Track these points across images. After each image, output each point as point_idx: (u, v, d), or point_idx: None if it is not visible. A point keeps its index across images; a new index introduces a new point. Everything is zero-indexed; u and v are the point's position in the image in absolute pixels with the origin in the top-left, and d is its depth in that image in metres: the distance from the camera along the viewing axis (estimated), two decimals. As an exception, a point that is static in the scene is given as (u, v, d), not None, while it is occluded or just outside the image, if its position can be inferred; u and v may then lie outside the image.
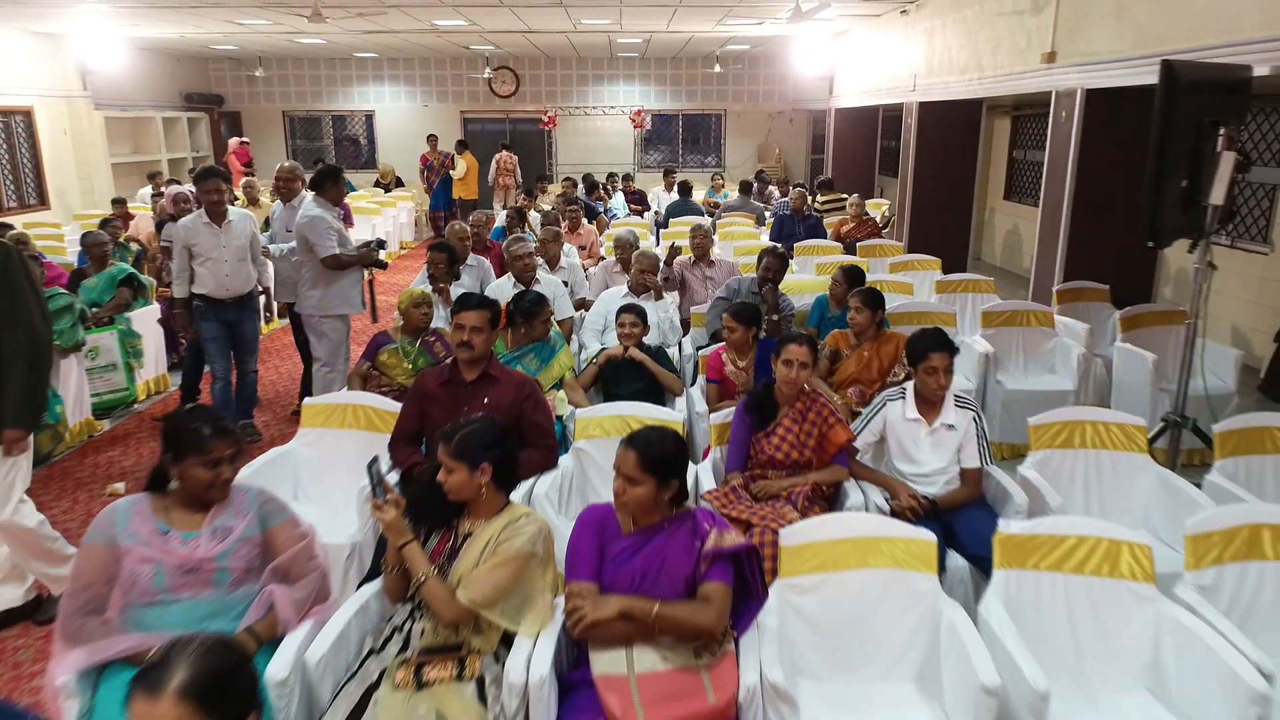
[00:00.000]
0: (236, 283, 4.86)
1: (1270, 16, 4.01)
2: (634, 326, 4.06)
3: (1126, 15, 5.17)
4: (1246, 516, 2.46)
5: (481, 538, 2.24)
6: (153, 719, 1.18)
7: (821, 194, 10.06)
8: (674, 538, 2.21)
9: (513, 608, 2.18)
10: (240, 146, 13.50)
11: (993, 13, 7.00)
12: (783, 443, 3.03)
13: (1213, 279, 3.82)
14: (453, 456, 2.22)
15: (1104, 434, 3.23)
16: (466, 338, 3.17)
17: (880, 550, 2.35)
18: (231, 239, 4.78)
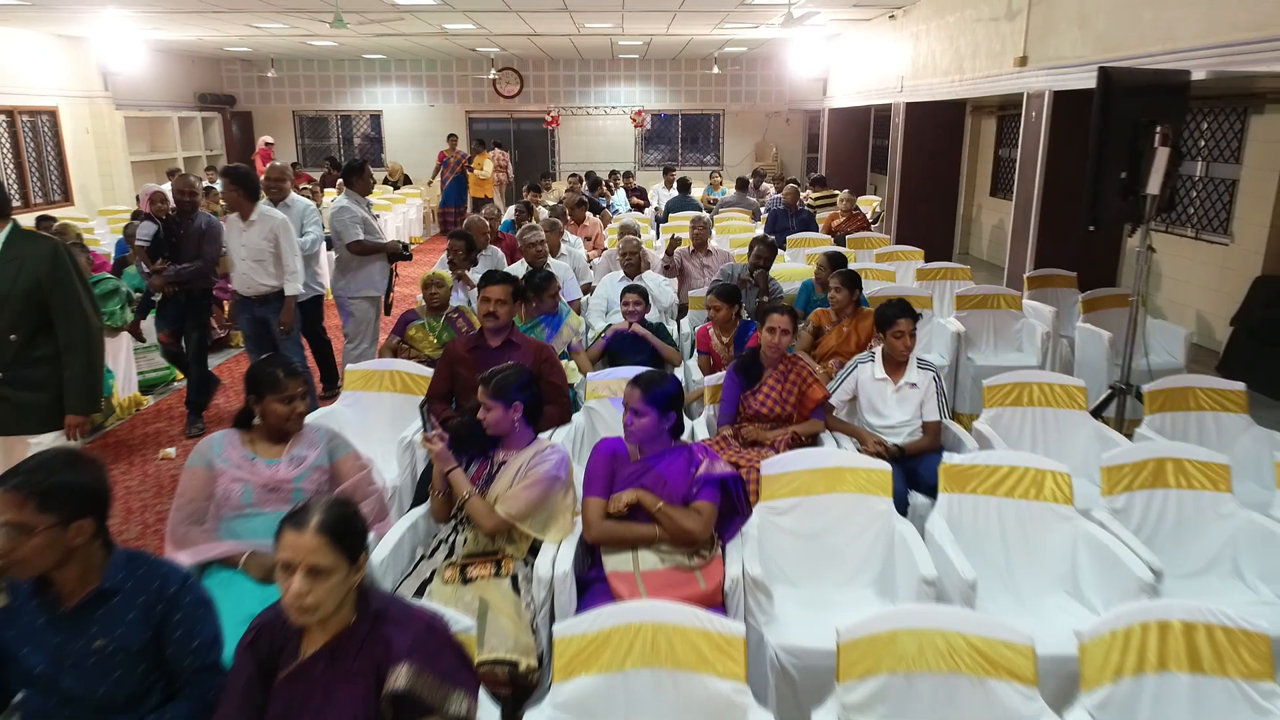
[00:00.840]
0: (247, 281, 4.78)
1: (1204, 27, 4.47)
2: (636, 305, 4.53)
3: (1088, 24, 5.64)
4: (1153, 452, 2.92)
5: (514, 464, 2.70)
6: (299, 546, 1.64)
7: (814, 190, 10.53)
8: (673, 465, 2.68)
9: (540, 521, 2.64)
10: (264, 147, 13.98)
11: (972, 19, 7.46)
12: (767, 399, 3.50)
13: (1179, 269, 4.28)
14: (491, 396, 2.68)
15: (1049, 393, 3.69)
16: (492, 308, 3.64)
17: (845, 478, 2.81)
18: (250, 238, 4.71)
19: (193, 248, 4.97)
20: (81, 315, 3.16)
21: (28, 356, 3.12)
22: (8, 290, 3.03)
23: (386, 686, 1.64)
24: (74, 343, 3.14)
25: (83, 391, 3.19)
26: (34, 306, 3.08)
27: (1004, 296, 5.63)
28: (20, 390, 3.12)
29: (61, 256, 3.13)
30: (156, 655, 1.81)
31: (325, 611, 1.66)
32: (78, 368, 3.16)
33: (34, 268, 3.05)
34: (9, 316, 3.05)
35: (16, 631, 1.79)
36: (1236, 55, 4.24)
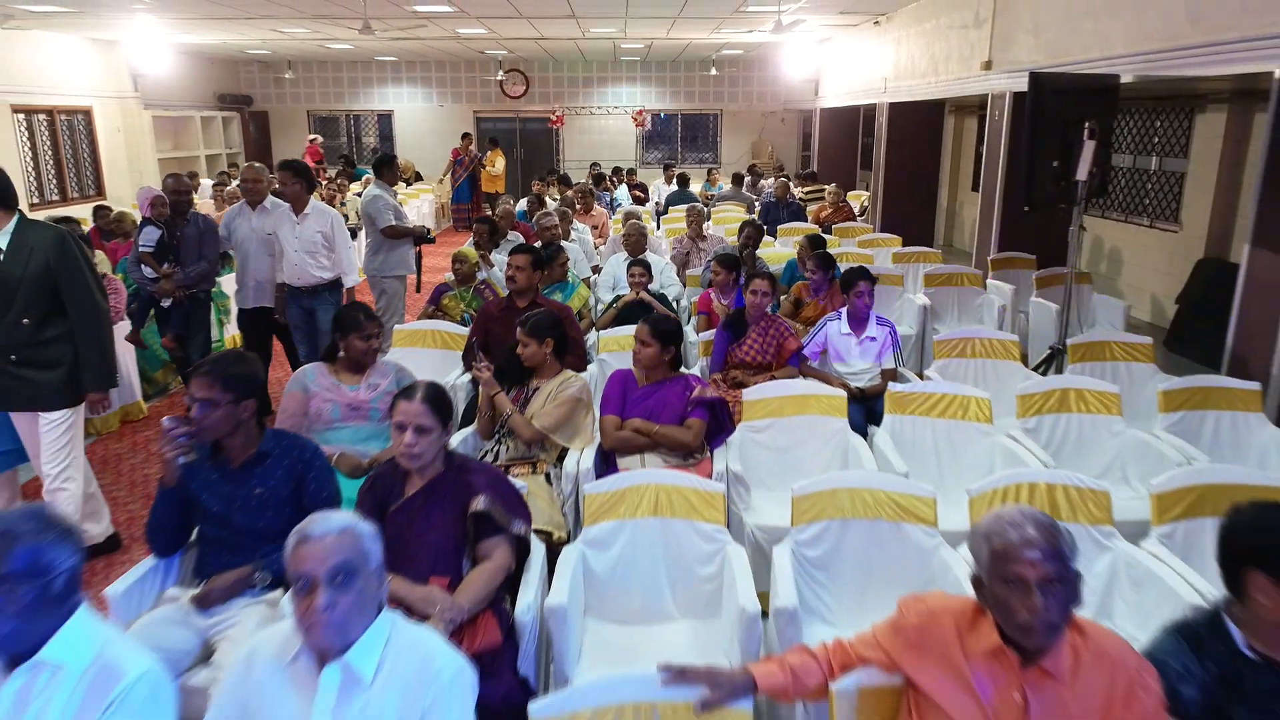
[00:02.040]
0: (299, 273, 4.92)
1: (1131, 37, 5.17)
2: (641, 276, 5.23)
3: (1041, 33, 6.34)
4: (1059, 383, 3.62)
5: (545, 390, 3.40)
6: (409, 411, 2.32)
7: (804, 185, 11.24)
8: (672, 390, 3.37)
9: (567, 432, 3.34)
10: (311, 145, 14.67)
11: (945, 26, 8.16)
12: (751, 349, 4.19)
13: (1136, 255, 4.96)
14: (527, 334, 3.38)
15: (988, 346, 4.39)
16: (512, 273, 4.36)
17: (809, 404, 3.51)
18: (304, 231, 4.89)
19: (194, 250, 4.96)
20: (90, 297, 3.31)
21: (40, 338, 3.26)
22: (19, 275, 3.17)
23: (470, 509, 2.34)
24: (85, 324, 3.30)
25: (98, 368, 3.36)
26: (45, 291, 3.22)
27: (967, 275, 6.34)
28: (35, 370, 3.27)
29: (68, 243, 3.28)
30: (297, 501, 2.50)
31: (426, 459, 2.36)
32: (91, 347, 3.33)
33: (43, 253, 3.20)
34: (22, 300, 3.19)
35: (198, 483, 2.48)
36: (1156, 61, 4.93)
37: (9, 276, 3.17)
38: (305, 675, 1.53)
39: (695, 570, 2.61)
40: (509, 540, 2.38)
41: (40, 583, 1.49)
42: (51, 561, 1.52)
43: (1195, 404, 3.60)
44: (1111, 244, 8.61)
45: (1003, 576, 1.53)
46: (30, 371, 3.27)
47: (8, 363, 3.24)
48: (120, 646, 1.56)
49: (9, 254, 3.18)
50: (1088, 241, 8.97)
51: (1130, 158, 8.32)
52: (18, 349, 3.23)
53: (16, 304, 3.19)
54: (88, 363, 3.33)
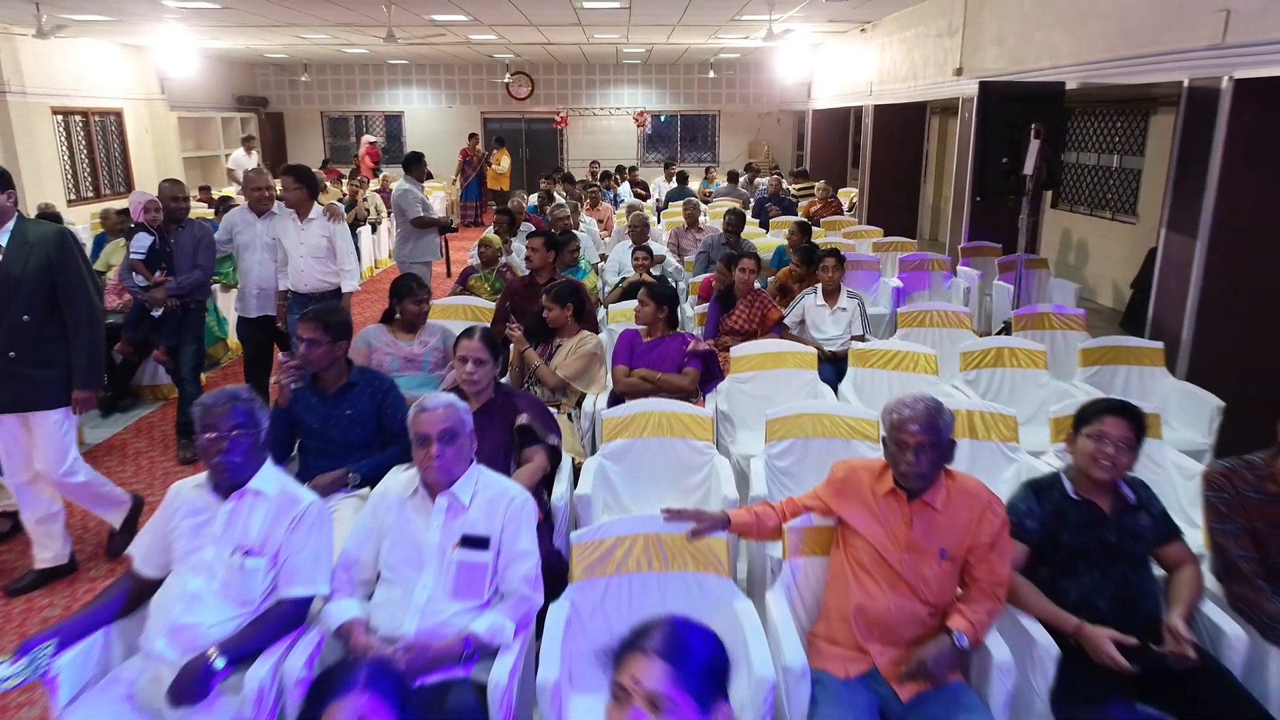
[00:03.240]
0: (306, 279, 4.89)
1: (1075, 48, 5.87)
2: (644, 260, 5.93)
3: (1003, 43, 7.04)
4: (995, 343, 4.33)
5: (566, 346, 4.10)
6: (470, 347, 3.00)
7: (796, 182, 11.95)
8: (671, 344, 4.07)
9: (584, 380, 4.04)
10: (370, 146, 15.30)
11: (923, 35, 8.87)
12: (739, 319, 4.89)
13: (1099, 246, 5.65)
14: (552, 300, 4.08)
15: (945, 318, 5.08)
16: (529, 254, 5.07)
17: (785, 359, 4.21)
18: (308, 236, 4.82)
19: (188, 258, 4.80)
20: (86, 297, 3.31)
21: (40, 336, 3.25)
22: (20, 273, 3.17)
23: (516, 424, 3.04)
24: (80, 323, 3.29)
25: (89, 368, 3.35)
26: (45, 289, 3.23)
27: (937, 261, 7.04)
28: (34, 369, 3.26)
29: (69, 241, 3.29)
30: (377, 421, 3.20)
31: (482, 385, 3.06)
32: (83, 346, 3.32)
33: (43, 252, 3.21)
34: (22, 298, 3.19)
35: (302, 406, 3.18)
36: (1094, 70, 5.63)
37: (10, 274, 3.17)
38: (422, 503, 2.24)
39: (689, 478, 3.31)
40: (545, 448, 3.08)
41: (256, 432, 2.20)
42: (262, 418, 2.23)
43: (1109, 360, 4.31)
44: (1079, 236, 9.31)
45: (894, 440, 2.23)
46: (30, 370, 3.25)
47: (7, 361, 3.22)
48: (295, 484, 2.27)
49: (9, 252, 3.18)
50: (1057, 233, 9.70)
51: (1095, 156, 9.02)
52: (19, 346, 3.22)
53: (17, 302, 3.18)
54: (79, 361, 3.32)
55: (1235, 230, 4.46)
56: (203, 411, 2.22)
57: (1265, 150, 4.34)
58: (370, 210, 10.75)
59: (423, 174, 7.02)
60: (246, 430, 2.18)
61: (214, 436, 2.19)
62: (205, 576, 2.14)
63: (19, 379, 3.24)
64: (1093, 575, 2.26)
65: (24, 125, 10.52)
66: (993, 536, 2.19)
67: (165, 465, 4.92)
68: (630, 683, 1.32)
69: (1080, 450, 2.31)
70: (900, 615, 2.16)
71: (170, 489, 2.29)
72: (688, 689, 1.31)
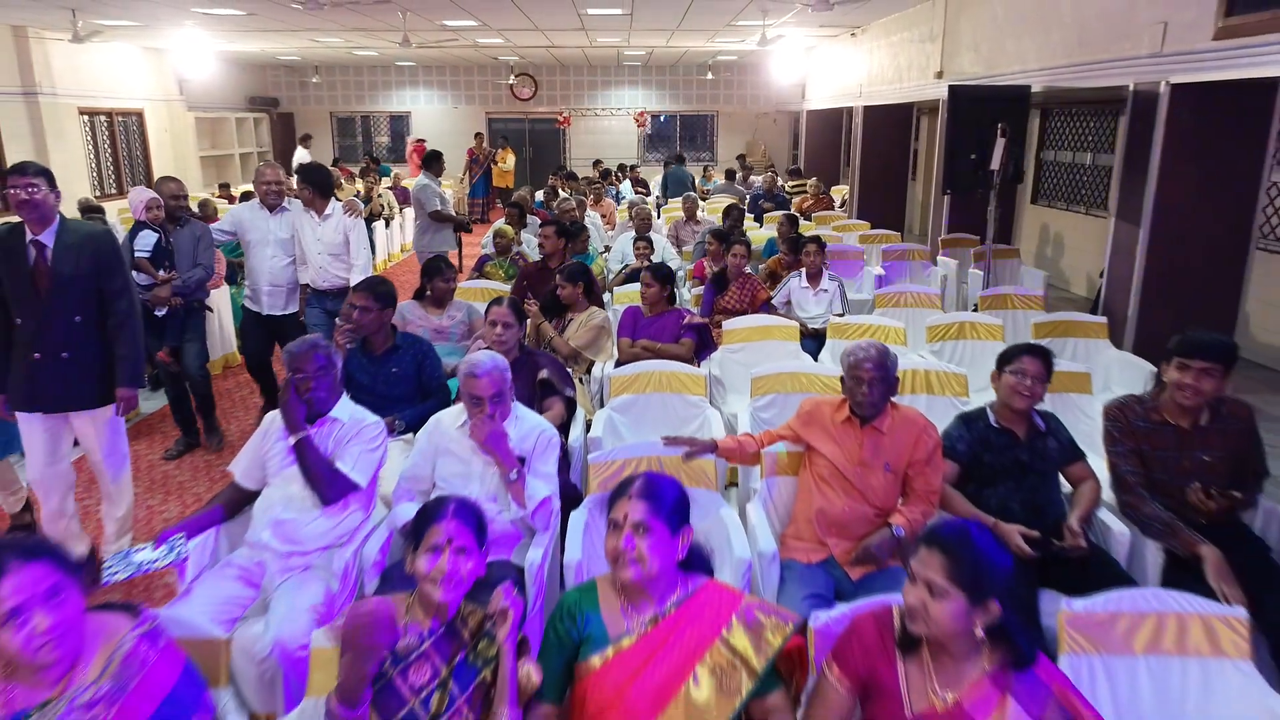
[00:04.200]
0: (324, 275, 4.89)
1: (1039, 54, 6.42)
2: (645, 249, 6.48)
3: (978, 49, 7.59)
4: (961, 318, 4.87)
5: (577, 320, 4.64)
6: (500, 313, 3.56)
7: (790, 179, 12.51)
8: (669, 319, 4.62)
9: (594, 350, 4.58)
10: (418, 144, 15.82)
11: (907, 40, 9.42)
12: (731, 299, 5.43)
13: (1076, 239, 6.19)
14: (565, 279, 4.62)
15: (919, 299, 5.63)
16: (541, 241, 5.62)
17: (772, 332, 4.74)
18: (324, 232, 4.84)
19: (189, 255, 4.88)
20: (129, 296, 3.37)
21: (89, 336, 3.29)
22: (72, 273, 3.21)
23: (538, 378, 3.58)
24: (123, 322, 3.34)
25: (132, 367, 3.40)
26: (94, 288, 3.27)
27: (917, 251, 7.59)
28: (83, 368, 3.31)
29: (114, 240, 3.36)
30: (418, 378, 3.74)
31: (509, 346, 3.60)
32: (126, 345, 3.36)
33: (91, 251, 3.25)
34: (74, 298, 3.23)
35: (354, 364, 3.72)
36: (1056, 75, 6.18)
37: (62, 275, 3.20)
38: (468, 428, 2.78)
39: (685, 427, 3.85)
40: (562, 399, 3.62)
41: (334, 372, 2.74)
42: (337, 361, 2.77)
43: (1060, 333, 4.85)
44: (1055, 229, 9.85)
45: (851, 377, 2.78)
46: (79, 370, 3.29)
47: (59, 361, 3.26)
48: (363, 411, 2.82)
49: (58, 252, 3.21)
50: (1036, 227, 10.25)
51: (1070, 154, 9.57)
52: (71, 347, 3.26)
53: (69, 302, 3.22)
54: (123, 360, 3.36)
55: (1173, 219, 5.01)
56: (290, 358, 2.76)
57: (1199, 147, 4.89)
58: (385, 206, 11.29)
59: (440, 170, 7.57)
60: (327, 371, 2.72)
61: (302, 377, 2.73)
62: (299, 484, 2.68)
63: (69, 380, 3.28)
64: (1009, 487, 2.80)
65: (54, 125, 11.05)
66: (928, 454, 2.73)
67: (150, 458, 4.97)
68: (620, 517, 1.87)
69: (1003, 385, 2.85)
70: (852, 516, 2.70)
71: (265, 418, 2.83)
72: (661, 519, 1.85)
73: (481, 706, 1.77)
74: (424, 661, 1.79)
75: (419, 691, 1.76)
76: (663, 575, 1.85)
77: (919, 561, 1.64)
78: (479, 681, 1.78)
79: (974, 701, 1.62)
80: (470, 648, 1.81)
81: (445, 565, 1.82)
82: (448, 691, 1.76)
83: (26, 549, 1.55)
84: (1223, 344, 2.71)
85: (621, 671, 1.77)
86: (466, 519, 1.86)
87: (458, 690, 1.76)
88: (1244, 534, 2.76)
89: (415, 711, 1.74)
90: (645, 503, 1.86)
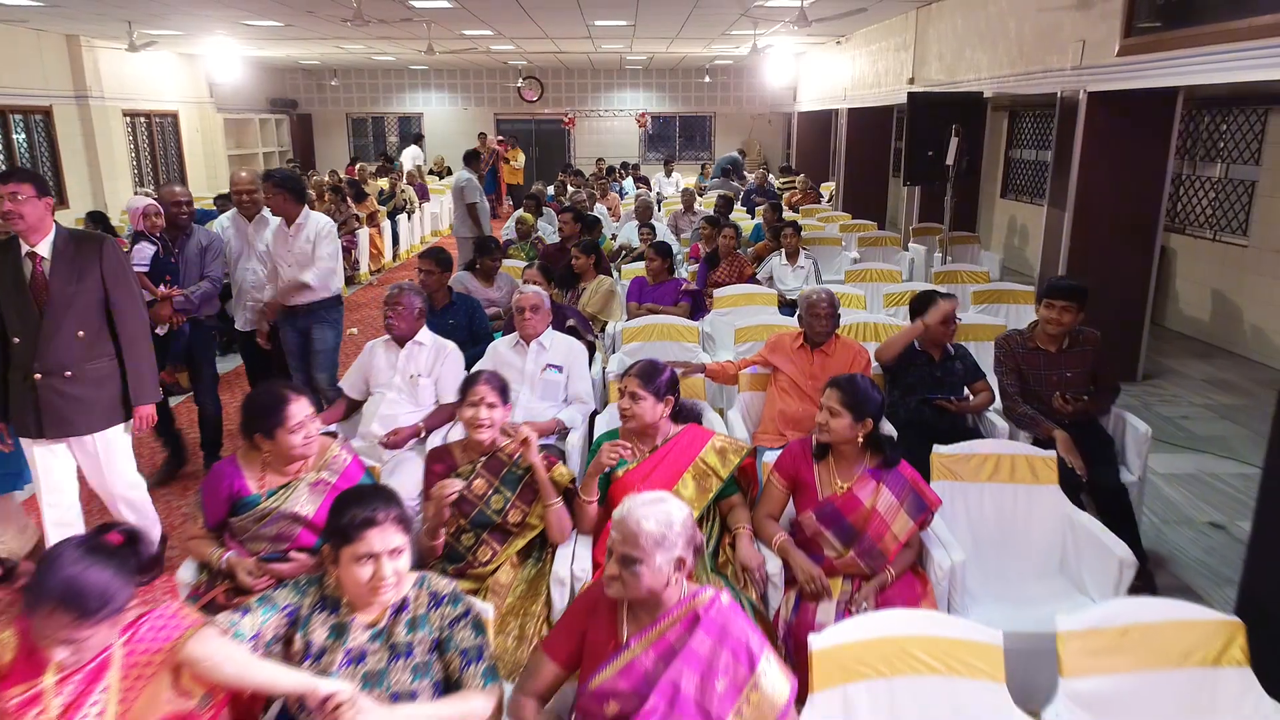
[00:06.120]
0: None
1: (991, 64, 7.39)
2: (649, 234, 7.45)
3: (943, 58, 8.56)
4: (911, 287, 5.83)
5: (590, 287, 5.60)
6: (532, 274, 4.51)
7: (781, 177, 13.49)
8: (670, 286, 5.59)
9: (606, 312, 5.54)
10: (500, 142, 16.71)
11: (885, 48, 10.39)
12: (722, 274, 6.39)
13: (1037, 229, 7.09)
14: (580, 251, 5.59)
15: (882, 274, 6.59)
16: (560, 226, 6.60)
17: (755, 299, 5.70)
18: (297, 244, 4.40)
19: (195, 268, 4.50)
20: (138, 309, 3.20)
21: (93, 353, 3.11)
22: (73, 289, 3.02)
23: (565, 325, 4.55)
24: (135, 336, 3.18)
25: (147, 382, 3.24)
26: (96, 303, 3.08)
27: (889, 238, 8.57)
28: (86, 388, 3.10)
29: (116, 251, 3.14)
30: (470, 327, 4.69)
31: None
32: (140, 360, 3.19)
33: (95, 263, 3.06)
34: (76, 314, 3.04)
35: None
36: (1003, 82, 7.14)
37: (61, 289, 3.01)
38: (520, 348, 3.75)
39: (682, 368, 4.81)
40: (585, 343, 4.59)
41: (420, 302, 3.70)
42: (419, 296, 3.73)
43: (995, 300, 5.82)
44: (1021, 221, 10.83)
45: (809, 313, 3.75)
46: (81, 389, 3.09)
47: (63, 381, 3.05)
48: (441, 339, 3.79)
49: (55, 264, 3.01)
50: (1005, 219, 11.23)
51: (1034, 152, 10.53)
52: (73, 365, 3.06)
53: (70, 317, 3.03)
54: (139, 375, 3.21)
55: (1092, 205, 5.97)
56: (389, 297, 3.72)
57: (1112, 146, 5.84)
58: (406, 201, 12.26)
59: (479, 167, 8.62)
60: (414, 300, 3.69)
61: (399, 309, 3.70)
62: (395, 391, 3.65)
63: (71, 400, 3.07)
64: (924, 393, 3.77)
65: (102, 126, 12.01)
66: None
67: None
68: (623, 388, 2.83)
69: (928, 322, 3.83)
70: (804, 414, 3.66)
71: (367, 345, 3.80)
72: (648, 390, 2.80)
73: (529, 500, 2.72)
74: (479, 478, 2.73)
75: (482, 497, 2.72)
76: (655, 424, 2.82)
77: (825, 397, 2.61)
78: (522, 485, 2.73)
79: (860, 488, 2.58)
80: (508, 465, 2.76)
81: (481, 415, 2.76)
82: (502, 494, 2.72)
83: (294, 387, 2.54)
84: (1075, 287, 3.67)
85: (635, 479, 2.73)
86: (494, 383, 2.82)
87: (509, 491, 2.72)
88: (1094, 427, 3.72)
89: (484, 510, 2.70)
90: (639, 379, 2.82)
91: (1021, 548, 2.90)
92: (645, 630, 1.80)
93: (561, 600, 2.52)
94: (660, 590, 1.79)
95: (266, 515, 2.49)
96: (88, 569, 1.62)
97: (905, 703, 1.90)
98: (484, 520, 2.67)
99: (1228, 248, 7.28)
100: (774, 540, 2.63)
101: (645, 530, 1.78)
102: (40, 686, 1.64)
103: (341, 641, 1.80)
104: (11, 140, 10.59)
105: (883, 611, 2.08)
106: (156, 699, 1.66)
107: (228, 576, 2.44)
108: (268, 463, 2.53)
